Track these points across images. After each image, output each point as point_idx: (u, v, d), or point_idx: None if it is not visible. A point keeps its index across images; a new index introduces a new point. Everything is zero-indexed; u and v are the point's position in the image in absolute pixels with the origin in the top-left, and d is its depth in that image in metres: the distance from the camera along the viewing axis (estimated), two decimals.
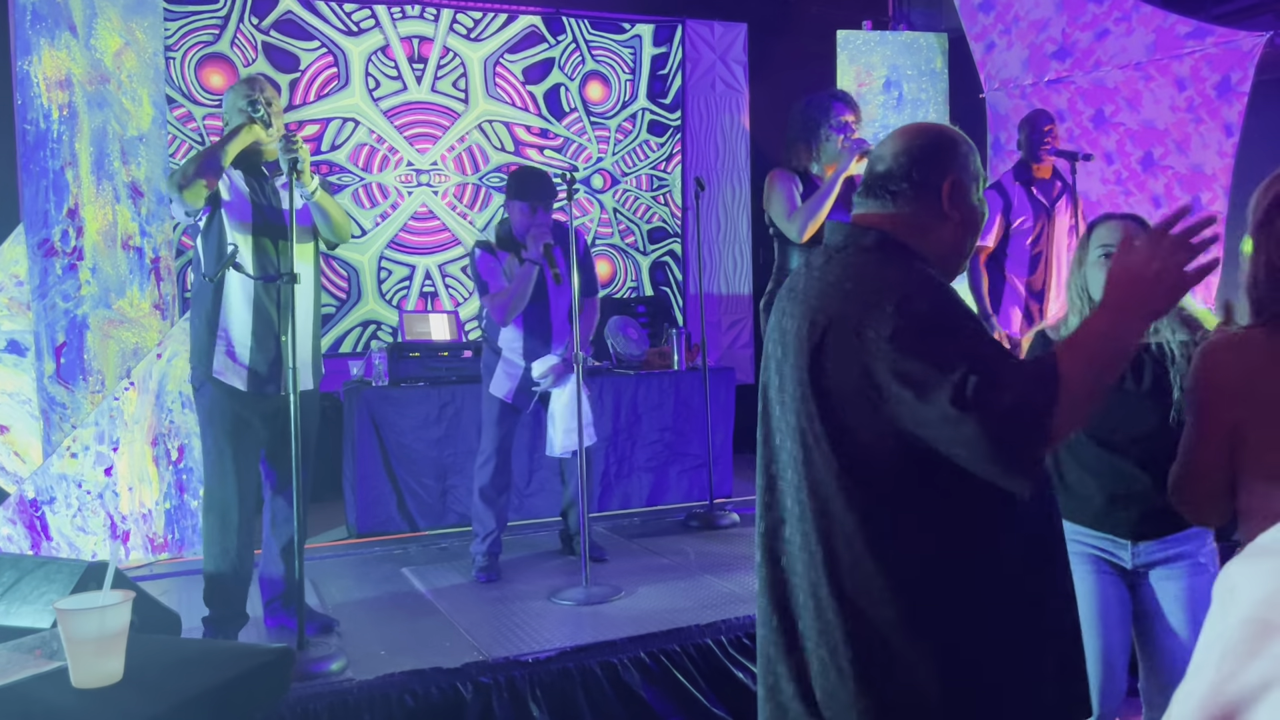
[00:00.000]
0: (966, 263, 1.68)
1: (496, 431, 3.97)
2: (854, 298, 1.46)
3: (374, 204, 6.09)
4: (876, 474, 1.44)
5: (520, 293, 3.79)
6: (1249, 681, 0.60)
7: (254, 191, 3.12)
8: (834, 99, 3.74)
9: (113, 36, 4.18)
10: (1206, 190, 4.77)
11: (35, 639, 1.82)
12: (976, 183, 1.62)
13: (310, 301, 3.21)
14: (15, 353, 3.99)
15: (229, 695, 1.66)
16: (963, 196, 1.58)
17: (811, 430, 1.49)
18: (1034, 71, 5.45)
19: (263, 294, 3.08)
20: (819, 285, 1.53)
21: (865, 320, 1.42)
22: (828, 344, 1.47)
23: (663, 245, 6.89)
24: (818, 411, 1.48)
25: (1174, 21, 4.81)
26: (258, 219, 3.10)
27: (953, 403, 1.32)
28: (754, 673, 3.12)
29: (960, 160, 1.59)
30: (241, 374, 3.07)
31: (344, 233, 3.26)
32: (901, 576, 1.42)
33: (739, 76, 6.94)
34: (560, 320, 3.95)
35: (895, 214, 1.57)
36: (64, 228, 4.03)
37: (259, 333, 3.08)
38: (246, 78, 3.29)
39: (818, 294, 1.52)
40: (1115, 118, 5.12)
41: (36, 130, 3.99)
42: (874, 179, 1.60)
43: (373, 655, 2.98)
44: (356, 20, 6.00)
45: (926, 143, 1.60)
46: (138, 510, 4.16)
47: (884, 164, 1.60)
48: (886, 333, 1.40)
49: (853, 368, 1.43)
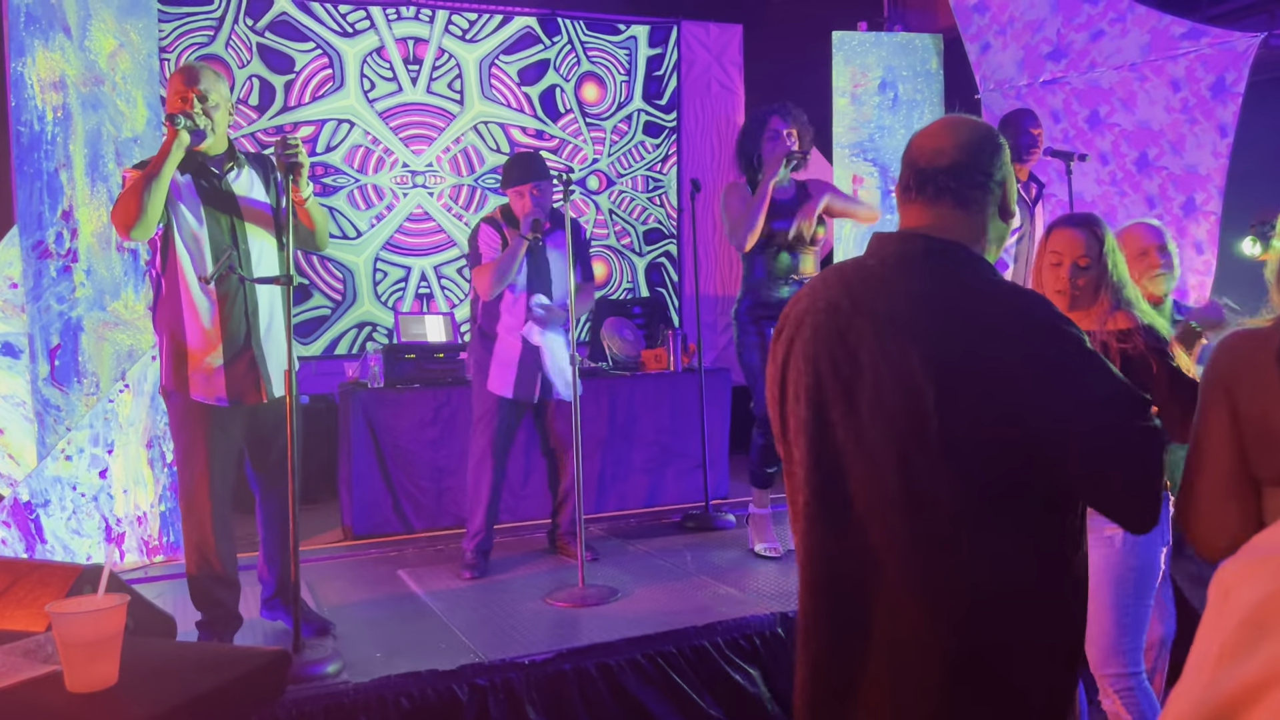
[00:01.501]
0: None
1: (491, 429, 3.93)
2: (974, 322, 1.38)
3: (369, 205, 6.08)
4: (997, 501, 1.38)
5: (508, 264, 3.75)
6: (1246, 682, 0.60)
7: (205, 193, 2.97)
8: (772, 112, 3.88)
9: (107, 38, 4.17)
10: (1201, 191, 4.78)
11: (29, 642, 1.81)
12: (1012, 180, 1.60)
13: (278, 301, 3.08)
14: (9, 355, 3.98)
15: (224, 699, 1.65)
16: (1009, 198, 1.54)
17: (918, 452, 1.39)
18: (1029, 72, 5.46)
19: (226, 301, 2.97)
20: (908, 301, 1.42)
21: (1004, 351, 1.36)
22: (945, 366, 1.37)
23: (658, 246, 6.89)
24: (936, 433, 1.37)
25: (1169, 22, 4.82)
26: (211, 222, 2.96)
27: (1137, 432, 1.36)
28: (750, 674, 3.13)
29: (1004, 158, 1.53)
30: (218, 389, 2.99)
31: (324, 242, 3.18)
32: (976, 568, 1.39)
33: (734, 78, 6.95)
34: (561, 305, 3.95)
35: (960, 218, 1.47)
36: (58, 230, 4.02)
37: (229, 343, 2.98)
38: (182, 68, 2.98)
39: (909, 309, 1.41)
40: (1110, 118, 5.13)
41: (31, 132, 3.98)
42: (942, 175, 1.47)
43: (369, 657, 2.98)
44: (351, 22, 6.00)
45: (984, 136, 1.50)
46: (132, 513, 4.15)
47: (948, 156, 1.47)
48: (1020, 353, 1.37)
49: (989, 392, 1.35)
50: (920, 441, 1.38)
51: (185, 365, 2.98)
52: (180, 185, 2.95)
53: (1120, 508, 1.39)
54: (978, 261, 1.46)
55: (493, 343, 3.92)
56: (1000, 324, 1.38)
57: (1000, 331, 1.37)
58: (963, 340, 1.37)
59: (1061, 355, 1.37)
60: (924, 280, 1.43)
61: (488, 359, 3.94)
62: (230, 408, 3.03)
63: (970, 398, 1.35)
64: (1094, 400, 1.36)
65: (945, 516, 1.37)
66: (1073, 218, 2.37)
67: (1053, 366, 1.36)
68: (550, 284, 3.92)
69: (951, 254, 1.45)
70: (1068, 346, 1.38)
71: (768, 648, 3.18)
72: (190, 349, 2.97)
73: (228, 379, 3.00)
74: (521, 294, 3.88)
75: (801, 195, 3.89)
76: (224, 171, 3.02)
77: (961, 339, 1.37)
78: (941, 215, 1.48)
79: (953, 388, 1.36)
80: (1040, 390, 1.35)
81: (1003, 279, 1.48)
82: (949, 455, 1.36)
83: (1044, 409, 1.35)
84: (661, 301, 6.60)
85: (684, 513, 4.82)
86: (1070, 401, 1.36)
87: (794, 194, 3.89)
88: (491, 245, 3.83)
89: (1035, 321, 1.38)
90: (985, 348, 1.36)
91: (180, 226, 2.95)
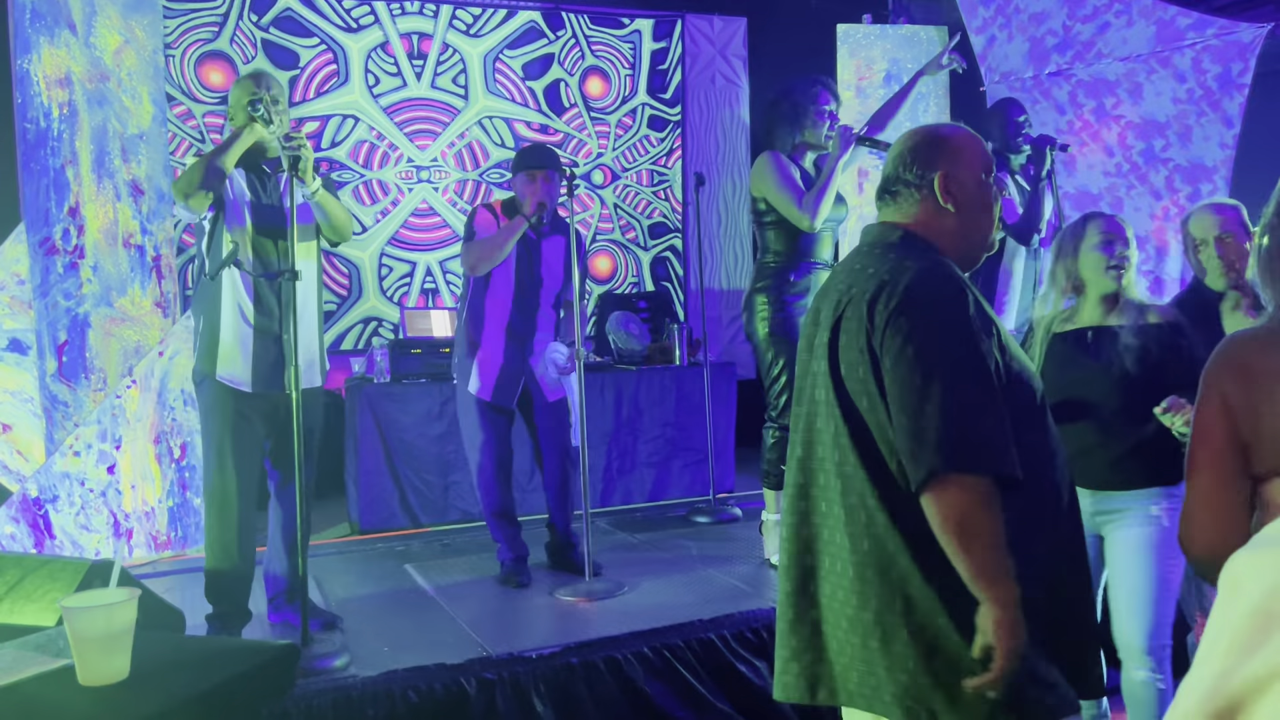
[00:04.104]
0: (985, 250, 1.77)
1: (485, 436, 3.77)
2: (872, 278, 1.61)
3: (374, 201, 6.08)
4: (883, 428, 1.57)
5: (504, 239, 3.62)
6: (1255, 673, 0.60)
7: (255, 189, 3.11)
8: (821, 86, 3.75)
9: (112, 34, 4.17)
10: (1208, 182, 4.77)
11: (40, 637, 1.82)
12: (976, 171, 1.68)
13: (314, 298, 3.21)
14: (17, 351, 3.99)
15: (234, 692, 1.66)
16: (957, 186, 1.66)
17: (829, 398, 1.64)
18: (1035, 64, 5.44)
19: (265, 291, 3.08)
20: (847, 274, 1.69)
21: (877, 295, 1.57)
22: (843, 318, 1.62)
23: (663, 240, 6.88)
24: (830, 377, 1.63)
25: (1175, 14, 4.80)
26: (258, 217, 3.09)
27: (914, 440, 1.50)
28: (757, 667, 3.13)
29: (950, 153, 1.68)
30: (245, 373, 3.07)
31: (345, 232, 3.25)
32: (909, 525, 1.53)
33: (739, 71, 6.93)
34: (547, 307, 3.84)
35: (906, 213, 1.70)
36: (65, 226, 4.03)
37: (261, 331, 3.08)
38: (250, 73, 3.27)
39: (845, 280, 1.68)
40: (1116, 110, 5.11)
41: (37, 128, 3.98)
42: (882, 183, 1.74)
43: (376, 651, 2.99)
44: (356, 17, 5.99)
45: (916, 143, 1.72)
46: (141, 508, 4.17)
47: (887, 169, 1.73)
48: (893, 306, 1.54)
49: (860, 336, 1.58)
50: (828, 389, 1.65)
51: (216, 350, 3.06)
52: (234, 179, 3.08)
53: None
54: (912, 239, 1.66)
55: (476, 348, 3.78)
56: (877, 271, 1.62)
57: (874, 276, 1.61)
58: (856, 287, 1.64)
59: (912, 333, 1.53)
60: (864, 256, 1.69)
61: (470, 364, 3.79)
62: (255, 396, 3.08)
63: (847, 329, 1.63)
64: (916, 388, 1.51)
65: (854, 460, 1.61)
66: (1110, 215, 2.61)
67: (890, 326, 1.55)
68: (540, 285, 3.81)
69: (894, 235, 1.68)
70: (916, 299, 1.55)
71: (774, 641, 3.18)
72: (224, 335, 3.06)
73: (256, 366, 3.07)
74: (509, 297, 3.75)
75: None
76: (275, 172, 3.15)
77: (857, 287, 1.63)
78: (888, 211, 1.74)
79: (838, 322, 1.64)
80: (879, 330, 1.57)
81: (930, 255, 1.63)
82: (839, 394, 1.63)
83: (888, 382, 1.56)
84: (667, 295, 6.59)
85: (690, 506, 4.82)
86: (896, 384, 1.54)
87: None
88: (487, 228, 3.72)
89: (901, 270, 1.59)
90: (863, 287, 1.61)
91: (229, 216, 3.07)
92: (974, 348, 1.51)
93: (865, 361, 1.57)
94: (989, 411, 1.48)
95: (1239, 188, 4.54)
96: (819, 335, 1.68)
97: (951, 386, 1.47)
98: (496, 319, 3.78)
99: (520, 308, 3.78)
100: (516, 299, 3.77)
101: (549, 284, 3.84)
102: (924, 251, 1.63)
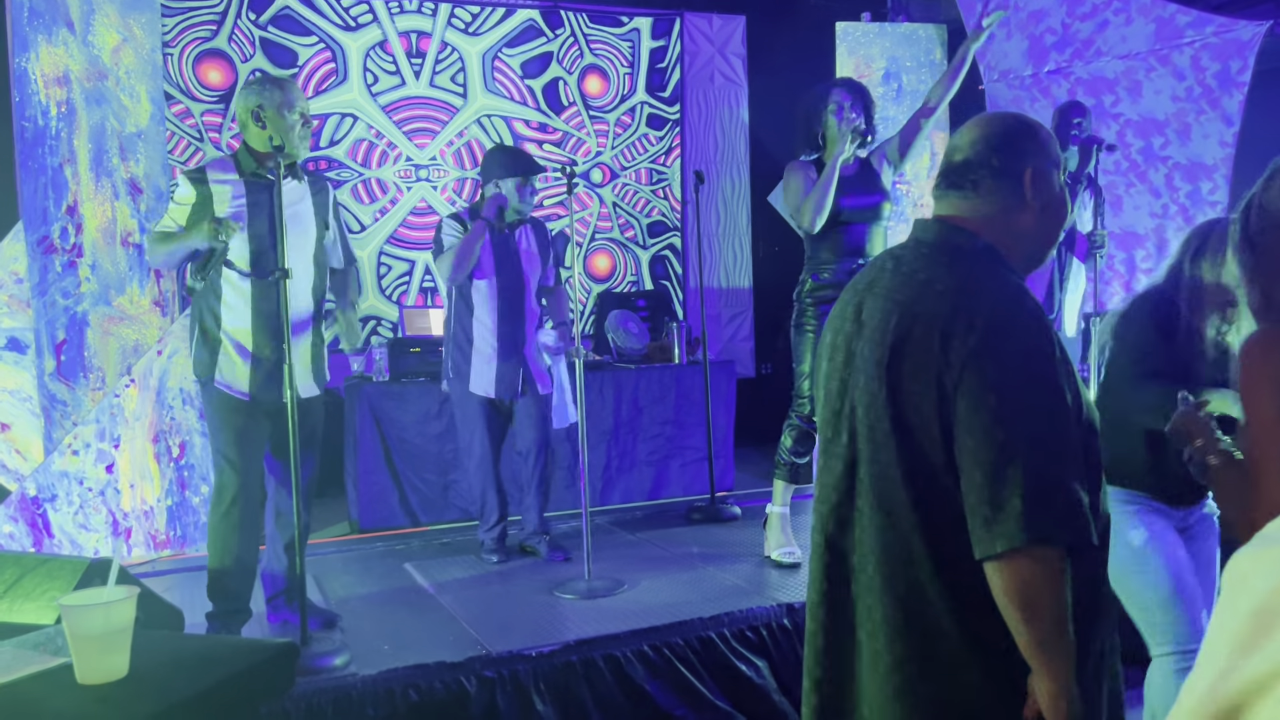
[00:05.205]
0: (1054, 251, 1.67)
1: (483, 433, 3.93)
2: (942, 297, 1.45)
3: (373, 199, 6.08)
4: (936, 470, 1.42)
5: (469, 249, 3.74)
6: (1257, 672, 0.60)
7: (255, 193, 3.08)
8: (833, 86, 3.75)
9: (110, 33, 4.16)
10: (1207, 180, 4.77)
11: (39, 635, 1.82)
12: (1058, 169, 1.58)
13: (309, 305, 3.19)
14: (15, 350, 3.98)
15: (234, 691, 1.66)
16: (1045, 183, 1.55)
17: (880, 426, 1.48)
18: (1034, 62, 5.44)
19: (261, 297, 3.06)
20: (907, 281, 1.51)
21: (952, 326, 1.41)
22: (911, 341, 1.45)
23: (662, 239, 6.88)
24: (888, 406, 1.46)
25: (1174, 11, 4.80)
26: (255, 223, 3.06)
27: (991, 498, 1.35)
28: (756, 665, 3.13)
29: (1040, 146, 1.56)
30: (244, 381, 3.06)
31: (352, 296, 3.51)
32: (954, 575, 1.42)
33: (738, 69, 6.93)
34: (533, 301, 3.97)
35: (979, 206, 1.54)
36: (63, 225, 4.02)
37: (259, 337, 3.06)
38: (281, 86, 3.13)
39: (903, 288, 1.50)
40: (1115, 108, 5.11)
41: (35, 127, 3.98)
42: (953, 169, 1.57)
43: (376, 650, 2.99)
44: (354, 15, 5.99)
45: (1005, 129, 1.57)
46: (139, 507, 4.16)
47: (962, 153, 1.56)
48: (972, 344, 1.39)
49: (930, 369, 1.42)
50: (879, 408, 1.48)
51: (216, 356, 3.06)
52: (227, 192, 3.05)
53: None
54: (983, 251, 1.51)
55: (469, 347, 3.90)
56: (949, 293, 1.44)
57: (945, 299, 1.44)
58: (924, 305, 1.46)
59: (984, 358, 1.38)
60: (927, 263, 1.52)
61: (466, 364, 3.90)
62: (255, 403, 3.08)
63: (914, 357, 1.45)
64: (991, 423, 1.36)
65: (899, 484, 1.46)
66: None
67: (969, 367, 1.38)
68: (522, 275, 3.91)
69: (960, 240, 1.52)
70: (1002, 353, 1.38)
71: (774, 639, 3.19)
72: (223, 340, 3.06)
73: (254, 372, 3.06)
74: (494, 294, 3.86)
75: (865, 170, 3.72)
76: (280, 176, 3.08)
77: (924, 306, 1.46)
78: (955, 202, 1.56)
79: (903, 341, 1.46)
80: (955, 367, 1.40)
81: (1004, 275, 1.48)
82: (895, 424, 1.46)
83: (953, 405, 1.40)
84: (666, 294, 6.59)
85: (690, 505, 4.82)
86: (970, 410, 1.38)
87: (857, 169, 3.70)
88: (453, 236, 3.86)
89: (979, 300, 1.43)
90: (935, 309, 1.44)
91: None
92: (1060, 399, 1.37)
93: (932, 398, 1.41)
94: (1072, 474, 1.35)
95: (1238, 186, 4.55)
96: (864, 348, 1.52)
97: (1037, 447, 1.33)
98: (486, 318, 3.88)
99: (506, 301, 3.88)
100: (501, 294, 3.86)
101: (529, 272, 3.95)
102: (995, 264, 1.50)
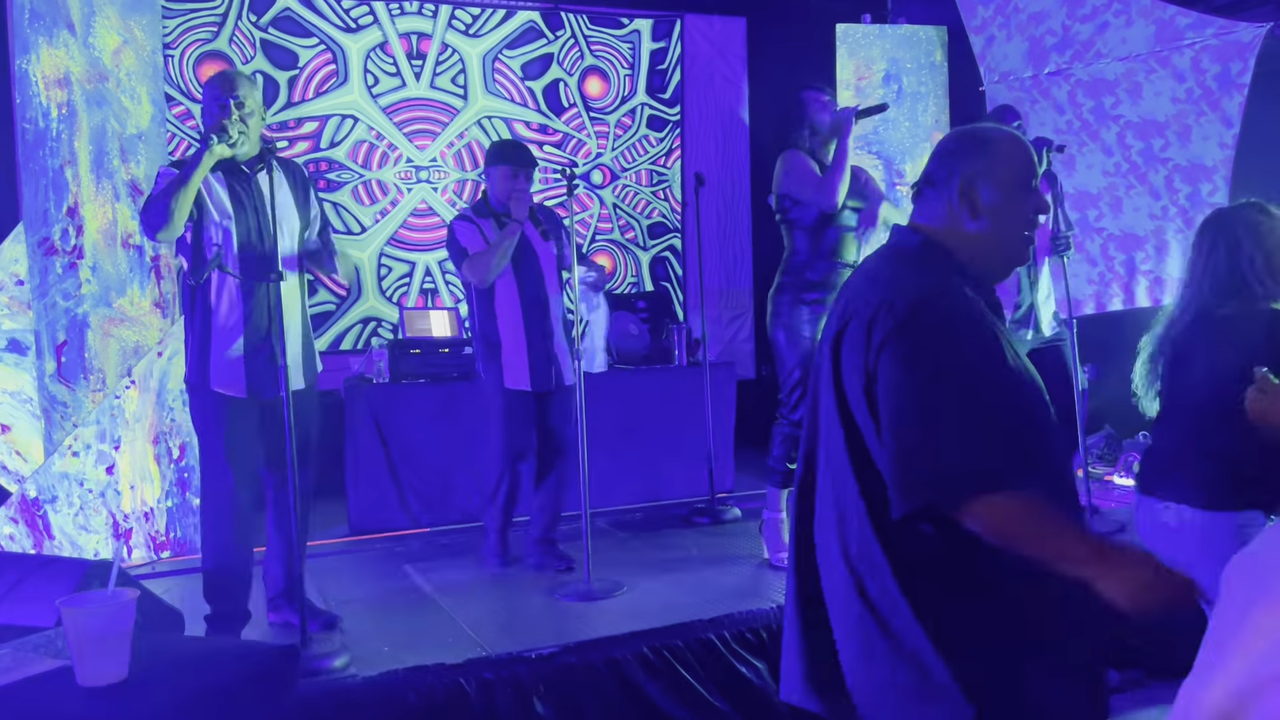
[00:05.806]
0: (1017, 263, 1.64)
1: (512, 432, 3.85)
2: (878, 292, 1.51)
3: (373, 201, 6.08)
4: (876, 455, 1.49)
5: (502, 251, 3.71)
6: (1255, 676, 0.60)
7: (234, 191, 3.06)
8: (803, 90, 3.81)
9: (111, 35, 4.17)
10: (1207, 182, 4.76)
11: (39, 637, 1.82)
12: (1015, 179, 1.56)
13: (297, 299, 3.18)
14: (16, 352, 3.98)
15: (234, 693, 1.66)
16: (988, 193, 1.54)
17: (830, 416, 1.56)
18: (1034, 64, 5.44)
19: (250, 297, 3.04)
20: (863, 279, 1.60)
21: (876, 313, 1.48)
22: (847, 333, 1.53)
23: (663, 240, 6.88)
24: (834, 398, 1.54)
25: (1174, 13, 4.80)
26: (240, 221, 3.04)
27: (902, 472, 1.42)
28: (757, 668, 3.13)
29: (985, 156, 1.55)
30: (238, 381, 3.05)
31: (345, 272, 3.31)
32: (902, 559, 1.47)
33: (738, 71, 6.93)
34: (552, 281, 3.93)
35: (931, 213, 1.60)
36: (64, 226, 4.03)
37: (251, 337, 3.04)
38: (213, 77, 3.14)
39: (860, 286, 1.59)
40: (1115, 110, 5.11)
41: (35, 129, 3.98)
42: (919, 178, 1.65)
43: (376, 651, 2.99)
44: (355, 17, 5.99)
45: (950, 140, 1.63)
46: (139, 509, 4.17)
47: (927, 163, 1.64)
48: (889, 327, 1.45)
49: (859, 355, 1.49)
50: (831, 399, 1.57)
51: (208, 356, 3.04)
52: (212, 183, 3.03)
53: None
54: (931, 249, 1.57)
55: (498, 347, 3.84)
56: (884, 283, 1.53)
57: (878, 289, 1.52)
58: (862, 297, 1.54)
59: (902, 351, 1.44)
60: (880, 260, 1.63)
61: (497, 363, 3.84)
62: (249, 401, 3.07)
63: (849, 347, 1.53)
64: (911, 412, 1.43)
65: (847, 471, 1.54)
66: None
67: (885, 348, 1.46)
68: (540, 266, 3.88)
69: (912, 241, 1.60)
70: (918, 324, 1.45)
71: (775, 641, 3.18)
72: (214, 341, 3.04)
73: (248, 371, 3.05)
74: (515, 290, 3.82)
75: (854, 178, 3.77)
76: (254, 173, 3.10)
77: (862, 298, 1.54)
78: (914, 212, 1.65)
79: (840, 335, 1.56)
80: (872, 350, 1.48)
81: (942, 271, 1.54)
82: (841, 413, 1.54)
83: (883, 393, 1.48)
84: (666, 296, 6.59)
85: (689, 507, 4.82)
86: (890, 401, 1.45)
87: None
88: (473, 238, 3.79)
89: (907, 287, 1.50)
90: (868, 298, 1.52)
91: (210, 223, 3.03)
92: (975, 375, 1.44)
93: (862, 383, 1.49)
94: (979, 438, 1.40)
95: (1238, 188, 4.54)
96: (823, 344, 1.62)
97: (950, 417, 1.41)
98: (510, 313, 3.84)
99: (530, 295, 3.85)
100: (522, 289, 3.83)
101: (545, 260, 3.92)
102: (937, 264, 1.55)
